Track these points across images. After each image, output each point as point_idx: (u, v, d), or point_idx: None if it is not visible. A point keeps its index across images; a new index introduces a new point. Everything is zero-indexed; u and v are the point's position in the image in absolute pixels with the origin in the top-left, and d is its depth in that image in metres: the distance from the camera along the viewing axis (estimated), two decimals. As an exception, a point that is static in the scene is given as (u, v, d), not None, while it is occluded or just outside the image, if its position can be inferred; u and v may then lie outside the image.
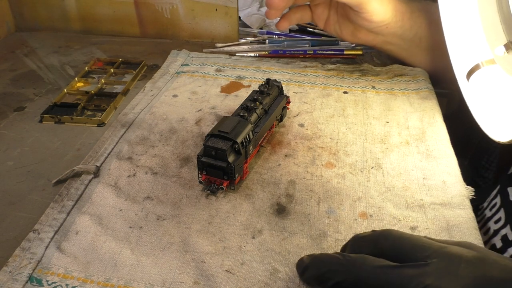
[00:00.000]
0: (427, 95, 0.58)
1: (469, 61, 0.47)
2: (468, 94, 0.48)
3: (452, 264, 0.28)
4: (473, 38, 0.47)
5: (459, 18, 0.49)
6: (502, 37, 0.42)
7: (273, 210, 0.42)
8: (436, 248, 0.30)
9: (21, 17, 0.80)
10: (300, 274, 0.34)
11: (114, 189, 0.44)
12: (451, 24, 0.50)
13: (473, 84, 0.47)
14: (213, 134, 0.42)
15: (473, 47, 0.47)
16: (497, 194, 0.49)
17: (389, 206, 0.42)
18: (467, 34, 0.48)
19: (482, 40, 0.45)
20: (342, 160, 0.47)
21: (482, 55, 0.46)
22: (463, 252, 0.29)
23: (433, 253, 0.29)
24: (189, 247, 0.38)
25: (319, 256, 0.33)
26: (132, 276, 0.36)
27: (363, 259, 0.30)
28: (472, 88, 0.48)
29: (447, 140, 0.50)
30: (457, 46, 0.50)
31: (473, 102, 0.47)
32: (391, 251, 0.30)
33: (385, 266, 0.29)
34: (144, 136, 0.51)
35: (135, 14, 0.76)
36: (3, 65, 0.69)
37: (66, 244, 0.38)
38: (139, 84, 0.64)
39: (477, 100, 0.47)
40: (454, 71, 0.50)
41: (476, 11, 0.46)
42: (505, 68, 0.42)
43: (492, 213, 0.48)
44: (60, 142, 0.52)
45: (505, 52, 0.41)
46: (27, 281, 0.35)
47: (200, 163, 0.42)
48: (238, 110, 0.47)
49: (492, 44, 0.44)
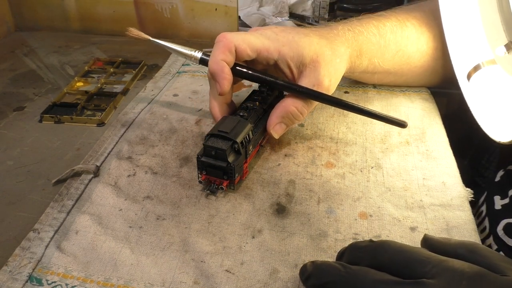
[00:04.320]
0: (428, 97, 0.58)
1: (470, 61, 0.47)
2: (469, 94, 0.48)
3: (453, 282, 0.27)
4: (474, 38, 0.47)
5: (460, 18, 0.49)
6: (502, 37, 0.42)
7: (273, 210, 0.42)
8: (436, 262, 0.29)
9: (20, 17, 0.80)
10: (304, 281, 0.33)
11: (114, 188, 0.44)
12: (452, 24, 0.50)
13: (474, 84, 0.47)
14: (213, 134, 0.42)
15: (473, 47, 0.47)
16: (483, 202, 0.49)
17: (389, 206, 0.42)
18: (467, 34, 0.48)
19: (483, 40, 0.45)
20: (342, 160, 0.47)
21: (483, 55, 0.46)
22: (464, 267, 0.28)
23: (433, 268, 0.28)
24: (189, 247, 0.38)
25: (321, 265, 0.32)
26: (132, 275, 0.36)
27: (365, 272, 0.29)
28: (472, 88, 0.48)
29: (446, 142, 0.50)
30: (458, 46, 0.50)
31: (474, 102, 0.47)
32: (390, 265, 0.30)
33: (386, 281, 0.29)
34: (144, 135, 0.51)
35: (135, 14, 0.76)
36: (3, 64, 0.69)
37: (66, 244, 0.38)
38: (139, 84, 0.64)
39: (478, 100, 0.47)
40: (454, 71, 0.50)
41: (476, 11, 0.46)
42: (506, 68, 0.42)
43: (478, 221, 0.47)
44: (60, 142, 0.52)
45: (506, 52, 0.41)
46: (27, 281, 0.35)
47: (200, 163, 0.42)
48: (238, 110, 0.47)
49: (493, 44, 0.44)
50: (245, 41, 0.44)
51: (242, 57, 0.45)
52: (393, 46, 0.52)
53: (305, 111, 0.46)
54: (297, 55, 0.45)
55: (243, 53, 0.44)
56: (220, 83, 0.44)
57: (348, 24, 0.51)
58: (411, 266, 0.29)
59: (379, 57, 0.52)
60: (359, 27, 0.51)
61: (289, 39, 0.45)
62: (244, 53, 0.44)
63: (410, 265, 0.29)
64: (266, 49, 0.45)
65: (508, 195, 0.46)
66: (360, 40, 0.50)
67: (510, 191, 0.46)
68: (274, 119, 0.46)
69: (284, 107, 0.46)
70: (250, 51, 0.44)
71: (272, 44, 0.45)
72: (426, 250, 0.31)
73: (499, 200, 0.47)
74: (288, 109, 0.45)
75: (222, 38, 0.44)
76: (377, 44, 0.51)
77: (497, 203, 0.46)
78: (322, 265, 0.32)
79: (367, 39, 0.50)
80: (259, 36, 0.45)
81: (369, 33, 0.51)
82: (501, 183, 0.48)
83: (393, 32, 0.52)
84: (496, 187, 0.48)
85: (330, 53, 0.46)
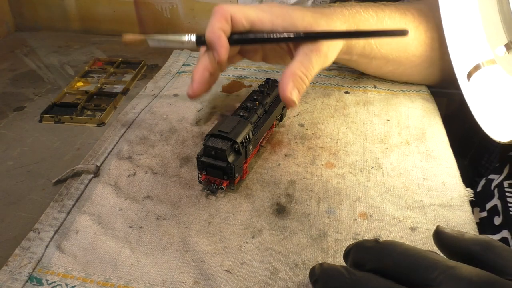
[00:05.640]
0: (428, 97, 0.58)
1: (470, 61, 0.47)
2: (469, 94, 0.48)
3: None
4: (474, 38, 0.47)
5: (460, 18, 0.49)
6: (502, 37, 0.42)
7: (273, 210, 0.42)
8: (443, 269, 0.27)
9: (20, 17, 0.80)
10: (312, 284, 0.33)
11: (114, 188, 0.44)
12: (452, 24, 0.50)
13: (474, 84, 0.47)
14: (213, 134, 0.42)
15: (473, 47, 0.47)
16: None
17: (389, 206, 0.42)
18: (467, 34, 0.48)
19: (483, 40, 0.45)
20: (342, 160, 0.47)
21: (483, 55, 0.46)
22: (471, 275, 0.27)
23: (439, 276, 0.27)
24: (189, 247, 0.38)
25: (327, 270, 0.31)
26: (132, 275, 0.36)
27: (367, 280, 0.29)
28: (472, 88, 0.48)
29: (446, 142, 0.50)
30: (458, 46, 0.50)
31: (474, 102, 0.47)
32: (394, 268, 0.29)
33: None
34: (144, 135, 0.51)
35: (135, 14, 0.76)
36: (3, 64, 0.69)
37: (66, 244, 0.38)
38: (139, 84, 0.64)
39: (478, 100, 0.47)
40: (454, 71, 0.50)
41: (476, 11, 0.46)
42: (506, 68, 0.42)
43: None
44: (60, 142, 0.52)
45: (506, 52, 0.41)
46: (27, 281, 0.35)
47: (200, 163, 0.42)
48: (238, 110, 0.47)
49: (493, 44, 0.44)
50: (241, 12, 0.45)
51: (237, 27, 0.46)
52: None
53: (309, 75, 0.46)
54: (291, 25, 0.46)
55: (238, 23, 0.45)
56: (218, 51, 0.44)
57: (347, 5, 0.51)
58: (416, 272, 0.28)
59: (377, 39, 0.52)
60: (357, 7, 0.51)
61: (283, 12, 0.46)
62: (239, 23, 0.45)
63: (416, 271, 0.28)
64: (260, 19, 0.46)
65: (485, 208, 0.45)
66: (357, 18, 0.50)
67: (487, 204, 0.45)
68: (286, 84, 0.45)
69: (291, 72, 0.45)
70: (245, 21, 0.45)
71: (266, 16, 0.46)
72: (434, 253, 0.29)
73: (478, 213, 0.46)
74: (295, 72, 0.45)
75: (219, 9, 0.45)
76: (374, 26, 0.52)
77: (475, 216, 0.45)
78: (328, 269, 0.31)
79: (365, 19, 0.51)
80: (254, 8, 0.47)
81: (367, 14, 0.51)
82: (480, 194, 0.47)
83: (392, 18, 0.53)
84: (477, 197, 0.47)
85: (325, 24, 0.47)
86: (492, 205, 0.46)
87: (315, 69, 0.46)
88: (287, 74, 0.45)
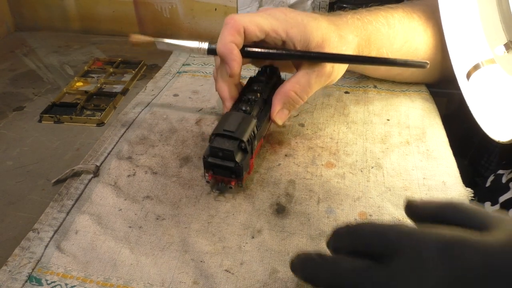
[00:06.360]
0: (428, 97, 0.58)
1: (469, 60, 0.47)
2: (468, 94, 0.48)
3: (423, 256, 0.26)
4: (473, 38, 0.47)
5: (459, 17, 0.49)
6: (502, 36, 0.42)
7: (273, 210, 0.42)
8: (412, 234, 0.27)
9: (20, 17, 0.80)
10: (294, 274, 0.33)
11: (114, 188, 0.44)
12: (451, 23, 0.50)
13: (473, 83, 0.47)
14: (218, 134, 0.41)
15: (473, 47, 0.47)
16: None
17: (389, 206, 0.42)
18: (467, 33, 0.48)
19: (482, 39, 0.45)
20: (342, 160, 0.47)
21: (482, 55, 0.46)
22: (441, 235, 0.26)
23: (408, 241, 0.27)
24: (189, 247, 0.38)
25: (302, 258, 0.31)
26: (132, 275, 0.36)
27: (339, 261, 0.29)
28: (472, 87, 0.48)
29: (446, 142, 0.50)
30: (457, 45, 0.50)
31: (473, 101, 0.47)
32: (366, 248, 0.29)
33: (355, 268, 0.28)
34: (144, 135, 0.51)
35: (135, 14, 0.76)
36: (3, 64, 0.69)
37: (66, 244, 0.38)
38: (139, 84, 0.64)
39: (477, 100, 0.47)
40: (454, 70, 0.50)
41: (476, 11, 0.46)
42: (505, 68, 0.42)
43: None
44: (59, 142, 0.52)
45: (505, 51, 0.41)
46: (27, 281, 0.35)
47: (206, 163, 0.41)
48: (239, 103, 0.45)
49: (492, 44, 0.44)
50: (254, 22, 0.44)
51: (250, 38, 0.45)
52: (401, 37, 0.53)
53: (304, 96, 0.46)
54: (304, 38, 0.45)
55: (252, 34, 0.44)
56: (230, 65, 0.43)
57: (358, 13, 0.51)
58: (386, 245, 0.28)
59: (388, 47, 0.52)
60: (368, 16, 0.51)
61: (298, 21, 0.45)
62: (253, 34, 0.44)
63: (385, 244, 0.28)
64: (275, 30, 0.45)
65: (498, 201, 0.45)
66: (369, 29, 0.50)
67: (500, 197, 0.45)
68: (276, 105, 0.46)
69: (284, 93, 0.46)
70: (259, 32, 0.44)
71: (280, 25, 0.45)
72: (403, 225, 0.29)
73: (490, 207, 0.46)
74: (288, 94, 0.45)
75: (230, 20, 0.44)
76: (386, 34, 0.51)
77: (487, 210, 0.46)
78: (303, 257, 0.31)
79: (376, 29, 0.51)
80: (267, 17, 0.45)
81: (378, 23, 0.51)
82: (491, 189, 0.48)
83: (401, 23, 0.53)
84: (487, 193, 0.47)
85: (337, 40, 0.46)
86: (507, 198, 0.46)
87: (312, 89, 0.46)
88: (280, 94, 0.46)
